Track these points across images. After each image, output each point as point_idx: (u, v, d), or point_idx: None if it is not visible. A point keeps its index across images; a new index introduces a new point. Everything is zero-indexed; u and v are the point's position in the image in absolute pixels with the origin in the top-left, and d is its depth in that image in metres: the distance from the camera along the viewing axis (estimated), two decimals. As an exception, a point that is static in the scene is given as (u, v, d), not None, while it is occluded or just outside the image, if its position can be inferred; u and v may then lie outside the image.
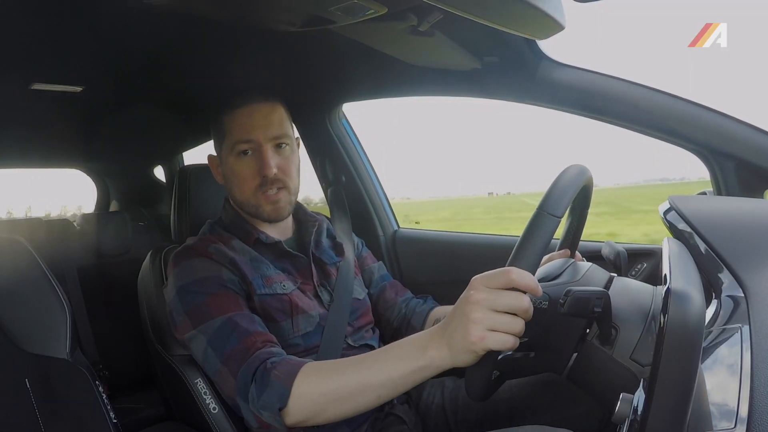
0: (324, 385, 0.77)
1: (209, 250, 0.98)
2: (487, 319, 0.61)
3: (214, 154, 1.09)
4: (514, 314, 0.61)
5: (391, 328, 1.18)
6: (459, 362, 0.64)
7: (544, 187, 0.67)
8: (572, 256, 0.94)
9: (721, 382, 0.52)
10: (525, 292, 0.61)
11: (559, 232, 0.97)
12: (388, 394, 0.73)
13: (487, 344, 0.61)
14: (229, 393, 0.86)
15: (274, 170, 0.98)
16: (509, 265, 0.62)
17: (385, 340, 1.17)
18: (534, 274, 0.62)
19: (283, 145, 1.02)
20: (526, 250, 0.62)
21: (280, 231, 1.09)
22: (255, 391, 0.81)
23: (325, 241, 1.14)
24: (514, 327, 0.61)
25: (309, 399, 0.77)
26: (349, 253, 1.16)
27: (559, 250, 0.95)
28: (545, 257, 0.93)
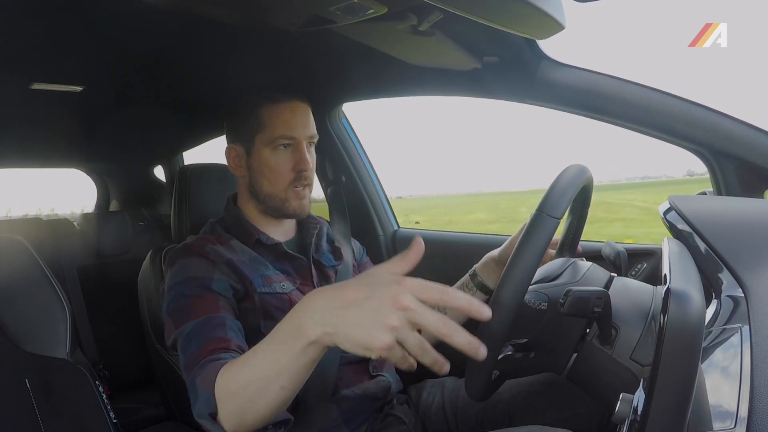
0: (235, 382, 0.70)
1: (206, 250, 0.97)
2: (402, 330, 0.53)
3: (232, 145, 1.06)
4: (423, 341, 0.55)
5: None
6: (343, 347, 0.57)
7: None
8: (573, 254, 0.94)
9: (721, 382, 0.52)
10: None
11: (559, 232, 0.97)
12: (290, 384, 0.65)
13: (388, 355, 0.54)
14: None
15: (311, 166, 1.02)
16: (508, 267, 0.62)
17: None
18: (533, 276, 0.62)
19: (312, 145, 1.05)
20: (524, 252, 0.62)
21: (283, 232, 1.09)
22: (193, 402, 0.76)
23: (324, 245, 1.14)
24: (421, 354, 0.55)
25: (228, 399, 0.71)
26: (348, 256, 1.16)
27: (559, 249, 0.96)
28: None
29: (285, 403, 0.69)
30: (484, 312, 0.55)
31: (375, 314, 0.54)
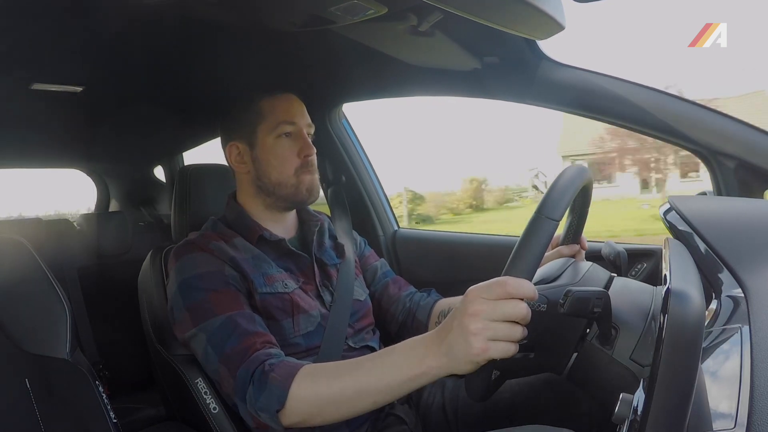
0: (321, 389, 0.77)
1: (210, 247, 0.97)
2: (487, 329, 0.61)
3: (232, 143, 1.06)
4: (513, 321, 0.62)
5: (396, 323, 1.17)
6: (459, 371, 0.65)
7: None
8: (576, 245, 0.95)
9: (721, 382, 0.52)
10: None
11: (559, 231, 0.97)
12: (385, 399, 0.74)
13: (490, 354, 0.61)
14: (228, 392, 0.87)
15: (315, 151, 1.04)
16: (506, 271, 0.62)
17: (389, 335, 1.17)
18: (532, 280, 0.62)
19: (310, 136, 1.07)
20: (523, 255, 0.62)
21: (285, 229, 1.09)
22: (253, 393, 0.81)
23: (327, 242, 1.14)
24: (514, 334, 0.62)
25: (306, 402, 0.78)
26: (350, 253, 1.16)
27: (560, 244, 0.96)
28: (551, 252, 0.94)
29: (367, 412, 0.77)
30: (536, 297, 0.64)
31: (462, 331, 0.63)
